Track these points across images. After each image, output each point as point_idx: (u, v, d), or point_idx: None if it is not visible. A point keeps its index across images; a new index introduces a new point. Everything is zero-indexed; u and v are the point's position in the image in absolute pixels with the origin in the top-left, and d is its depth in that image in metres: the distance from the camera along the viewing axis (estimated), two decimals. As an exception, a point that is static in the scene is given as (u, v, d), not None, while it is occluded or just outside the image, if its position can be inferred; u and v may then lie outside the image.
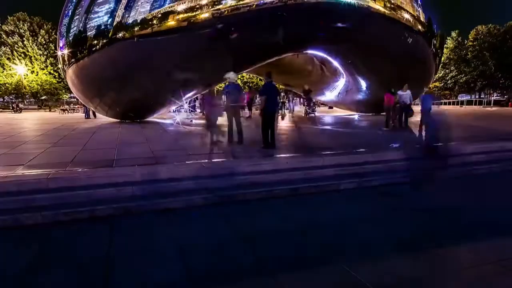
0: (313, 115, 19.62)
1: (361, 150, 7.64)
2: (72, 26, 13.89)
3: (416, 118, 13.15)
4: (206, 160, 6.63)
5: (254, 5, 12.74)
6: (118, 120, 16.97)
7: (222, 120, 8.64)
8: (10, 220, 4.50)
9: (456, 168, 7.30)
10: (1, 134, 11.70)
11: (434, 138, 7.21)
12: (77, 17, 13.70)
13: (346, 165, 6.75)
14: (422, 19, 16.28)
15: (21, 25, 46.07)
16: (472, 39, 48.08)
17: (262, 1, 12.79)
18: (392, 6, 15.01)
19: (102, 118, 18.67)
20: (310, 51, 18.54)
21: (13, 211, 4.64)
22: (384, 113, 13.82)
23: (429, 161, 7.15)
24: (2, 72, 43.95)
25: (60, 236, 4.16)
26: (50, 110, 38.97)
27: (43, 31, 47.15)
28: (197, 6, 12.40)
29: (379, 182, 6.34)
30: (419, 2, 16.08)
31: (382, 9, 14.71)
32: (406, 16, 15.63)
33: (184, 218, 4.75)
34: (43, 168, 5.92)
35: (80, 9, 13.62)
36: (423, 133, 7.97)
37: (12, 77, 44.35)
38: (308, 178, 6.18)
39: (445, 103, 43.76)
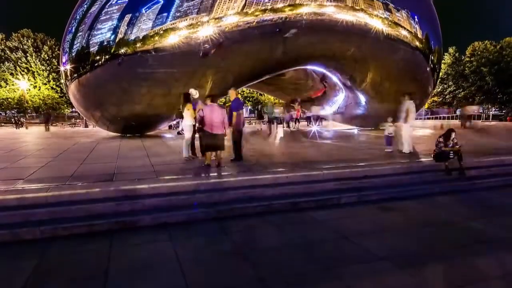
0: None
1: (360, 164, 7.65)
2: (75, 43, 14.16)
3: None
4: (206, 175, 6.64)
5: (255, 22, 13.03)
6: (119, 134, 17.06)
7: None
8: (9, 235, 4.48)
9: (460, 181, 7.30)
10: (2, 148, 11.74)
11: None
12: (80, 33, 13.99)
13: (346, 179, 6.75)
14: (419, 35, 16.60)
15: (25, 41, 46.84)
16: (469, 55, 48.84)
17: (262, 18, 13.09)
18: (389, 23, 15.33)
19: (103, 132, 18.75)
20: (309, 67, 18.84)
21: (12, 226, 4.62)
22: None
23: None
24: (5, 87, 44.38)
25: (59, 251, 4.13)
26: (51, 124, 39.15)
27: (47, 47, 47.89)
28: (199, 23, 12.68)
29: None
30: (416, 19, 16.44)
31: (379, 26, 15.02)
32: (404, 32, 15.94)
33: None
34: (43, 182, 5.93)
35: (84, 26, 13.93)
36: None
37: (15, 92, 44.77)
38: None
39: (444, 117, 44.00)
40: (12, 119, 40.24)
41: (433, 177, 7.42)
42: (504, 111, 41.91)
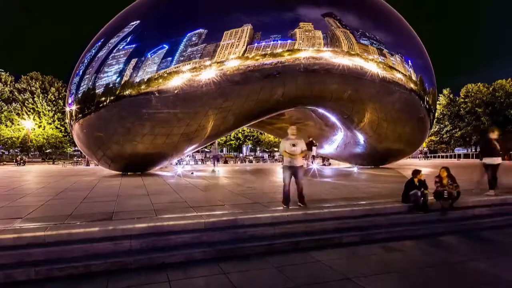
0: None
1: (361, 202, 7.61)
2: (82, 84, 14.73)
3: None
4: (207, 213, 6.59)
5: (255, 66, 13.66)
6: (120, 172, 17.11)
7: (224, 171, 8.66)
8: (2, 276, 4.37)
9: (460, 221, 7.21)
10: (3, 186, 11.73)
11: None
12: (87, 76, 14.60)
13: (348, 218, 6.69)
14: (413, 78, 17.29)
15: (33, 83, 48.64)
16: (463, 96, 50.38)
17: (262, 62, 13.74)
18: (384, 66, 16.05)
19: (104, 171, 18.81)
20: (308, 107, 19.37)
21: (6, 266, 4.52)
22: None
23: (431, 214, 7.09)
24: (10, 126, 45.25)
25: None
26: (53, 163, 39.35)
27: (54, 89, 49.64)
28: (201, 66, 13.30)
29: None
30: (410, 63, 17.24)
31: (375, 70, 15.70)
32: (398, 75, 16.62)
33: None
34: (41, 221, 5.88)
35: (91, 69, 14.57)
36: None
37: (20, 131, 45.57)
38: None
39: (442, 156, 44.22)
40: (15, 158, 40.51)
41: (435, 216, 7.33)
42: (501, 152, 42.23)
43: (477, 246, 5.97)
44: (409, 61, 17.24)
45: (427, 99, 18.25)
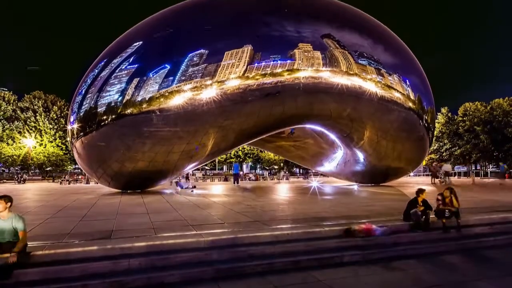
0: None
1: (362, 221, 7.56)
2: (84, 103, 14.91)
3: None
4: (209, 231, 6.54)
5: (255, 85, 13.88)
6: (120, 190, 17.05)
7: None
8: (-4, 296, 4.31)
9: (462, 240, 7.14)
10: (1, 205, 11.64)
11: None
12: (90, 95, 14.80)
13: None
14: (412, 97, 17.52)
15: (36, 101, 49.15)
16: (461, 115, 50.83)
17: (262, 82, 13.98)
18: (382, 85, 16.30)
19: (104, 189, 18.73)
20: (308, 125, 19.51)
21: (1, 286, 4.46)
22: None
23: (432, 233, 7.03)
24: (12, 144, 45.35)
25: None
26: (53, 181, 39.21)
27: (56, 107, 50.07)
28: (202, 86, 13.51)
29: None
30: (407, 82, 17.51)
31: (373, 89, 15.94)
32: (397, 94, 16.85)
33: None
34: (39, 240, 5.82)
35: (93, 88, 14.79)
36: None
37: (21, 149, 45.63)
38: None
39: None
40: (15, 176, 40.42)
41: (437, 234, 7.27)
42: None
43: (479, 266, 5.90)
44: (407, 80, 17.53)
45: (426, 117, 18.42)
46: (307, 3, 16.62)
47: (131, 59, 14.28)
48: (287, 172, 52.04)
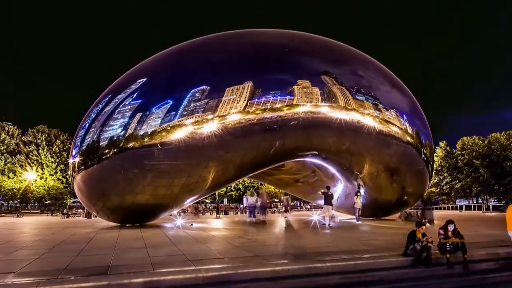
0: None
1: (364, 256, 7.42)
2: (87, 137, 15.17)
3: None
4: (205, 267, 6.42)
5: (255, 120, 14.21)
6: (119, 224, 16.80)
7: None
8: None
9: (467, 276, 6.97)
10: (-3, 239, 11.47)
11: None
12: (93, 129, 15.09)
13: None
14: (409, 131, 17.83)
15: (39, 136, 49.66)
16: (459, 149, 51.12)
17: (262, 116, 14.33)
18: (380, 120, 16.65)
19: (103, 222, 18.44)
20: (308, 159, 19.63)
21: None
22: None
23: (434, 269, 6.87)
24: (12, 178, 45.16)
25: None
26: (52, 214, 38.59)
27: (59, 141, 50.46)
28: (204, 120, 13.83)
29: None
30: (405, 117, 17.90)
31: (371, 123, 16.26)
32: (395, 128, 17.16)
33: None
34: (35, 276, 5.72)
35: (97, 122, 15.11)
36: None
37: (21, 182, 45.35)
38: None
39: (443, 208, 43.50)
40: (15, 209, 39.92)
41: (441, 270, 7.11)
42: (503, 202, 41.78)
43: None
44: (404, 115, 17.92)
45: (424, 151, 18.59)
46: (305, 42, 17.49)
47: (135, 95, 14.75)
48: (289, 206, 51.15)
